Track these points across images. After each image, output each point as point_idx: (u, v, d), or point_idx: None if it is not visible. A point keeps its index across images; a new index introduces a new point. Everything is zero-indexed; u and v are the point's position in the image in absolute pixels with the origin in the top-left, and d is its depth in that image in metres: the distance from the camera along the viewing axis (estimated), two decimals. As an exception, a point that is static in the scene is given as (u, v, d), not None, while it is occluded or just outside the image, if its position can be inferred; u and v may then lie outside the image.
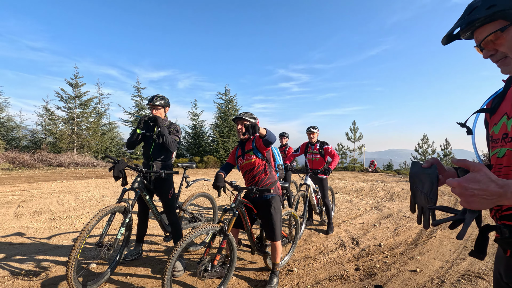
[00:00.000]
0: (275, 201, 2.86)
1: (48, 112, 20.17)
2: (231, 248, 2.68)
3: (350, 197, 8.96)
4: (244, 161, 2.92)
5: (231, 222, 2.55)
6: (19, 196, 7.12)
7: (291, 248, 3.67)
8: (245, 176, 2.94)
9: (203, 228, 2.40)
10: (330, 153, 4.87)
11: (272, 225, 2.81)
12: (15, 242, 3.96)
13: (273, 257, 2.95)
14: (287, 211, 3.42)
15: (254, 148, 2.87)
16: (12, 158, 14.70)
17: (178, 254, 2.24)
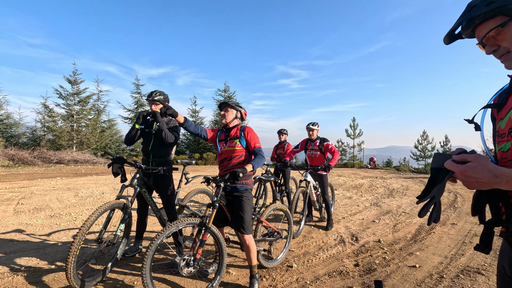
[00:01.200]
0: (247, 192, 2.78)
1: (47, 109, 20.11)
2: (217, 242, 2.62)
3: (349, 193, 8.97)
4: (226, 146, 2.82)
5: (212, 215, 2.50)
6: (18, 193, 7.12)
7: (285, 245, 3.59)
8: (223, 163, 2.82)
9: (182, 222, 2.37)
10: (330, 149, 4.86)
11: (241, 216, 2.68)
12: (15, 239, 3.96)
13: (248, 257, 2.76)
14: (275, 206, 3.38)
15: (241, 137, 2.79)
16: (11, 155, 14.69)
17: (155, 248, 2.21)
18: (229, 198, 2.80)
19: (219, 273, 2.60)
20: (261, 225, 3.19)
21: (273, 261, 3.32)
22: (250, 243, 2.71)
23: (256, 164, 2.56)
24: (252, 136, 2.81)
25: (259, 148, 2.77)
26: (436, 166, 0.97)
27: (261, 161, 2.63)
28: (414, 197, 8.27)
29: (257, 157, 2.66)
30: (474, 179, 0.84)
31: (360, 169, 20.76)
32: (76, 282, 2.42)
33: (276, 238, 3.36)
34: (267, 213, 3.26)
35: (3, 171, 11.98)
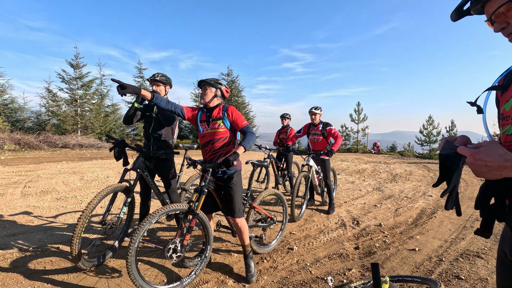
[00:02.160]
0: (237, 175, 2.68)
1: (51, 93, 20.11)
2: (204, 229, 2.57)
3: (352, 178, 8.99)
4: (208, 128, 2.65)
5: (200, 201, 2.43)
6: (25, 177, 7.25)
7: (280, 230, 3.57)
8: (207, 147, 2.68)
9: (170, 208, 2.32)
10: (333, 134, 4.82)
11: (231, 199, 2.61)
12: (23, 220, 4.06)
13: (240, 238, 2.74)
14: (270, 191, 3.33)
15: (224, 118, 2.63)
16: (17, 140, 14.85)
17: (140, 234, 2.17)
18: (219, 184, 2.71)
19: (204, 261, 2.57)
20: (253, 210, 3.15)
21: (266, 246, 3.28)
22: (242, 224, 2.67)
23: (247, 144, 2.45)
24: (237, 115, 2.64)
25: (247, 125, 2.60)
26: (445, 152, 0.95)
27: (251, 139, 2.51)
28: (416, 181, 8.27)
29: (247, 136, 2.50)
30: (483, 163, 0.82)
31: (364, 154, 20.72)
32: (82, 263, 2.50)
33: (269, 224, 3.30)
34: (260, 199, 3.20)
35: (10, 155, 12.16)
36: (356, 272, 2.84)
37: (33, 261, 2.85)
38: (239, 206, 2.66)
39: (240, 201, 2.69)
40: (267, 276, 2.75)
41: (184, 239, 2.37)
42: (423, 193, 6.59)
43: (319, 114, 4.93)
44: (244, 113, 24.22)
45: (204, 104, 2.72)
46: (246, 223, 2.78)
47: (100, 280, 2.55)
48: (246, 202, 3.06)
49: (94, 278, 2.57)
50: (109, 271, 2.70)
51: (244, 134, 2.58)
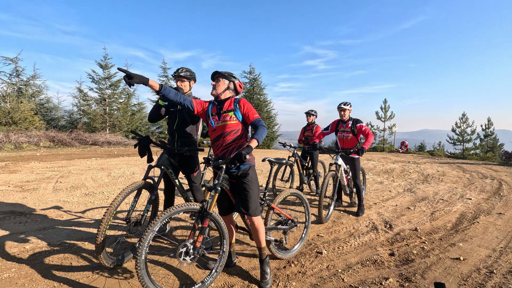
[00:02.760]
0: (252, 170, 2.53)
1: (82, 93, 21.07)
2: (219, 229, 2.42)
3: (380, 178, 8.56)
4: (219, 121, 2.53)
5: (214, 199, 2.31)
6: (57, 172, 7.55)
7: (303, 234, 3.32)
8: (218, 141, 2.53)
9: (180, 207, 2.19)
10: (364, 131, 4.53)
11: (247, 196, 2.44)
12: (53, 215, 4.17)
13: (256, 239, 2.57)
14: (291, 191, 3.10)
15: (236, 110, 2.50)
16: (52, 137, 15.67)
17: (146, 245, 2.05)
18: (233, 182, 2.55)
19: (222, 256, 2.43)
20: (272, 211, 2.94)
21: (287, 251, 3.07)
22: (258, 224, 2.50)
23: (260, 137, 2.31)
24: (249, 107, 2.51)
25: (258, 118, 2.47)
26: None
27: (264, 132, 2.37)
28: (451, 183, 7.70)
29: (259, 129, 2.37)
30: None
31: (391, 153, 19.84)
32: (106, 260, 2.46)
33: (290, 227, 3.07)
34: (279, 199, 2.99)
35: (45, 152, 12.83)
36: (394, 282, 2.59)
37: (51, 257, 2.87)
38: (255, 203, 2.49)
39: (257, 198, 2.52)
40: (295, 282, 2.58)
41: (197, 240, 2.23)
42: (461, 196, 6.10)
43: (348, 110, 4.65)
44: (266, 111, 24.06)
45: (215, 96, 2.59)
46: (263, 223, 2.60)
47: (111, 281, 2.48)
48: (264, 203, 2.84)
49: (106, 279, 2.50)
50: (121, 271, 2.64)
51: (255, 128, 2.44)
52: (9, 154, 11.27)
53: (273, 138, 24.40)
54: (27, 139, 14.21)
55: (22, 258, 2.80)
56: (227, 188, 2.50)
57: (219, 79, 2.56)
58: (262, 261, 2.59)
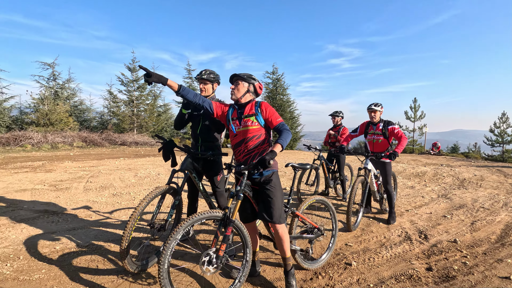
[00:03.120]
0: (275, 176, 2.44)
1: (112, 95, 22.04)
2: (242, 238, 2.32)
3: (411, 182, 8.08)
4: (240, 127, 2.43)
5: (236, 206, 2.22)
6: (88, 172, 7.88)
7: (330, 243, 3.14)
8: (240, 147, 2.44)
9: (202, 214, 2.12)
10: (396, 134, 4.24)
11: (270, 203, 2.35)
12: (83, 215, 4.30)
13: (280, 249, 2.46)
14: (316, 198, 2.94)
15: (258, 114, 2.40)
16: (84, 137, 16.51)
17: (173, 243, 2.01)
18: (255, 188, 2.46)
19: (245, 266, 2.33)
20: (297, 219, 2.79)
21: (314, 262, 2.91)
22: (283, 232, 2.40)
23: (284, 142, 2.21)
24: (271, 111, 2.41)
25: (282, 122, 2.36)
26: None
27: (288, 136, 2.26)
28: (492, 189, 7.09)
29: (283, 133, 2.27)
30: None
31: (421, 155, 18.84)
32: (131, 266, 2.45)
33: (317, 236, 2.92)
34: (303, 207, 2.83)
35: (77, 151, 13.51)
36: (433, 301, 2.36)
37: (79, 258, 2.91)
38: (279, 211, 2.38)
39: (281, 205, 2.42)
40: (323, 296, 2.43)
41: (220, 249, 2.15)
42: (504, 204, 5.58)
43: (379, 111, 4.39)
44: (289, 111, 23.79)
45: (235, 100, 2.49)
46: (287, 231, 2.49)
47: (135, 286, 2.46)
48: (288, 210, 2.72)
49: (131, 284, 2.49)
50: (145, 276, 2.61)
51: (279, 132, 2.33)
52: (46, 154, 11.98)
53: (297, 139, 24.08)
54: (62, 139, 15.05)
55: (52, 258, 2.87)
56: (250, 195, 2.41)
57: (238, 82, 2.47)
58: (287, 272, 2.47)
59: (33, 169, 8.06)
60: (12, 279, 2.47)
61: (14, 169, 7.85)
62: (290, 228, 2.74)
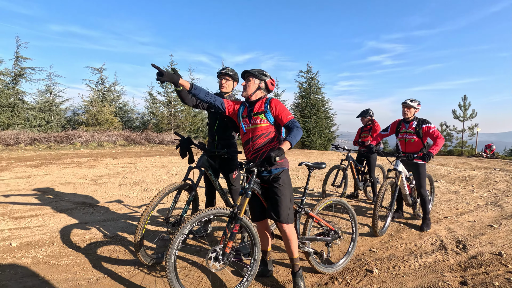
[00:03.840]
0: (285, 174, 2.36)
1: (152, 97, 23.34)
2: (250, 235, 2.28)
3: (455, 187, 7.37)
4: (250, 124, 2.40)
5: (244, 204, 2.19)
6: (126, 168, 8.41)
7: (349, 247, 2.99)
8: (248, 145, 2.41)
9: (210, 211, 2.12)
10: (432, 134, 3.88)
11: (278, 201, 2.30)
12: (114, 208, 4.59)
13: (287, 249, 2.40)
14: (335, 199, 2.79)
15: (267, 111, 2.35)
16: (126, 136, 17.71)
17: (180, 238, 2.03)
18: (265, 186, 2.42)
19: (254, 265, 2.29)
20: (311, 220, 2.67)
21: (331, 266, 2.77)
22: (290, 232, 2.33)
23: (294, 139, 2.13)
24: (281, 108, 2.34)
25: (293, 119, 2.29)
26: None
27: (298, 134, 2.18)
28: (556, 198, 6.17)
29: (292, 131, 2.20)
30: None
31: (471, 158, 17.13)
32: (144, 258, 2.55)
33: (333, 238, 2.78)
34: (318, 208, 2.71)
35: (119, 150, 14.53)
36: (463, 319, 2.10)
37: (103, 248, 3.10)
38: (287, 210, 2.32)
39: (289, 204, 2.35)
40: (337, 303, 2.29)
41: (227, 246, 2.14)
42: None
43: (414, 108, 4.03)
44: (324, 111, 23.16)
45: (246, 97, 2.45)
46: (295, 232, 2.41)
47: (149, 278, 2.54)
48: (301, 210, 2.63)
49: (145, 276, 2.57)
50: (159, 269, 2.69)
51: (289, 130, 2.24)
52: (92, 151, 13.06)
53: (331, 139, 23.35)
54: (107, 138, 16.29)
55: (80, 246, 3.10)
56: (259, 193, 2.37)
57: (249, 79, 2.43)
58: (295, 273, 2.41)
59: (79, 164, 8.82)
60: (43, 263, 2.71)
61: (63, 164, 8.67)
62: (304, 229, 2.64)
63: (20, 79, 17.16)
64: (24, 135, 13.80)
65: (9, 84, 16.74)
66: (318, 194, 6.08)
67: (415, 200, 4.35)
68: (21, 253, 2.89)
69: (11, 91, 16.42)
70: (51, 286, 2.35)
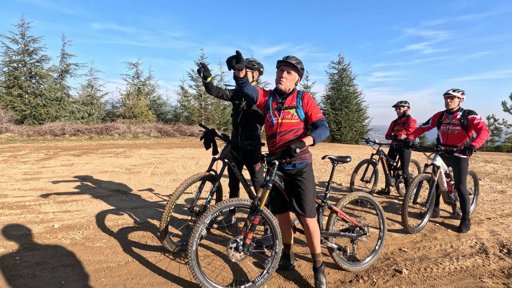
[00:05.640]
0: (308, 169, 2.31)
1: (183, 90, 24.04)
2: (270, 227, 2.26)
3: (501, 186, 6.72)
4: (279, 118, 2.29)
5: (264, 196, 2.15)
6: (158, 159, 8.78)
7: (376, 245, 2.85)
8: (274, 139, 2.30)
9: (230, 202, 2.12)
10: (476, 125, 3.54)
11: (300, 195, 2.24)
12: (146, 196, 4.81)
13: (310, 243, 2.35)
14: (361, 194, 2.65)
15: (299, 107, 2.25)
16: (159, 128, 18.49)
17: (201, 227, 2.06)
18: (287, 179, 2.36)
19: (274, 257, 2.28)
20: (335, 215, 2.57)
21: (356, 263, 2.66)
22: (313, 227, 2.30)
23: (318, 137, 2.07)
24: (313, 105, 2.26)
25: (322, 118, 2.23)
26: None
27: (324, 133, 2.12)
28: None
29: (319, 128, 2.15)
30: None
31: (523, 155, 15.51)
32: (170, 245, 2.64)
33: (358, 235, 2.66)
34: (343, 203, 2.60)
35: (153, 141, 15.21)
36: (503, 330, 1.91)
37: (133, 233, 3.27)
38: (311, 204, 2.27)
39: (312, 198, 2.30)
40: (361, 302, 2.20)
41: (247, 237, 2.14)
42: None
43: (458, 98, 3.70)
44: (356, 103, 22.26)
45: (280, 89, 2.31)
46: (318, 226, 2.36)
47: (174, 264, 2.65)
48: (324, 205, 2.56)
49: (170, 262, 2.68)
50: (184, 256, 2.78)
51: (315, 128, 2.19)
52: (128, 142, 13.81)
53: (363, 133, 22.44)
54: (142, 130, 17.13)
55: (113, 231, 3.30)
56: (281, 185, 2.33)
57: (290, 72, 2.27)
58: (317, 269, 2.36)
59: (116, 154, 9.37)
60: (80, 244, 2.93)
61: (102, 154, 9.27)
62: (327, 224, 2.57)
63: (65, 75, 18.55)
64: (69, 126, 14.96)
65: (57, 79, 18.17)
66: (346, 189, 5.89)
67: (454, 199, 4.03)
68: (62, 234, 3.14)
69: (58, 86, 17.80)
70: (85, 266, 2.53)
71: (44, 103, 16.67)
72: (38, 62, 17.13)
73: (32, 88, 16.69)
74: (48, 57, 17.32)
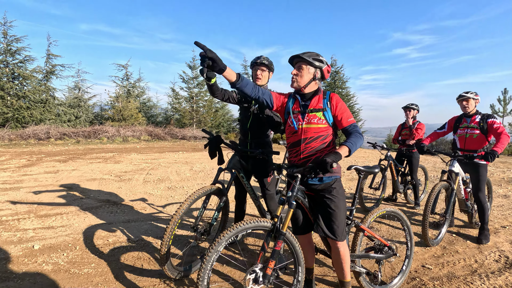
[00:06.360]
0: (338, 184, 1.98)
1: (174, 92, 23.49)
2: (293, 254, 1.92)
3: (502, 190, 6.61)
4: (303, 123, 1.96)
5: (288, 216, 1.82)
6: (150, 164, 8.34)
7: (404, 265, 2.54)
8: (297, 147, 1.98)
9: (248, 224, 1.76)
10: (495, 130, 3.33)
11: (330, 215, 1.92)
12: (139, 207, 4.41)
13: (338, 270, 2.05)
14: (389, 209, 2.37)
15: (327, 109, 1.94)
16: (150, 132, 17.92)
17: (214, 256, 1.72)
18: (310, 194, 2.04)
19: (296, 286, 1.95)
20: (362, 234, 2.27)
21: (383, 287, 2.39)
22: (344, 251, 1.98)
23: (354, 146, 1.78)
24: (343, 108, 1.94)
25: (354, 124, 1.93)
26: None
27: (359, 141, 1.84)
28: None
29: (353, 136, 1.85)
30: None
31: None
32: (171, 272, 2.27)
33: (387, 256, 2.35)
34: (370, 219, 2.30)
35: (143, 145, 14.67)
36: None
37: (127, 254, 2.88)
38: (342, 225, 1.95)
39: (344, 219, 1.97)
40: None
41: (268, 266, 1.78)
42: None
43: (474, 99, 3.48)
44: (349, 105, 22.26)
45: (297, 89, 2.02)
46: (348, 251, 2.03)
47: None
48: (351, 223, 2.23)
49: (183, 289, 2.31)
50: (188, 282, 2.42)
51: (349, 135, 1.87)
52: (117, 146, 13.25)
53: (356, 135, 22.45)
54: (132, 133, 16.54)
55: (103, 252, 2.90)
56: (305, 202, 1.99)
57: (301, 66, 1.96)
58: None
59: (105, 160, 8.87)
60: (64, 271, 2.52)
61: (90, 160, 8.75)
62: (353, 245, 2.26)
63: (51, 76, 17.78)
64: (54, 130, 14.27)
65: (41, 81, 17.38)
66: (350, 196, 5.62)
67: (472, 207, 3.81)
68: (43, 257, 2.73)
69: (43, 87, 17.03)
70: (71, 299, 2.14)
71: (28, 105, 15.89)
72: (22, 62, 16.34)
73: (15, 89, 15.88)
74: (32, 58, 16.57)
